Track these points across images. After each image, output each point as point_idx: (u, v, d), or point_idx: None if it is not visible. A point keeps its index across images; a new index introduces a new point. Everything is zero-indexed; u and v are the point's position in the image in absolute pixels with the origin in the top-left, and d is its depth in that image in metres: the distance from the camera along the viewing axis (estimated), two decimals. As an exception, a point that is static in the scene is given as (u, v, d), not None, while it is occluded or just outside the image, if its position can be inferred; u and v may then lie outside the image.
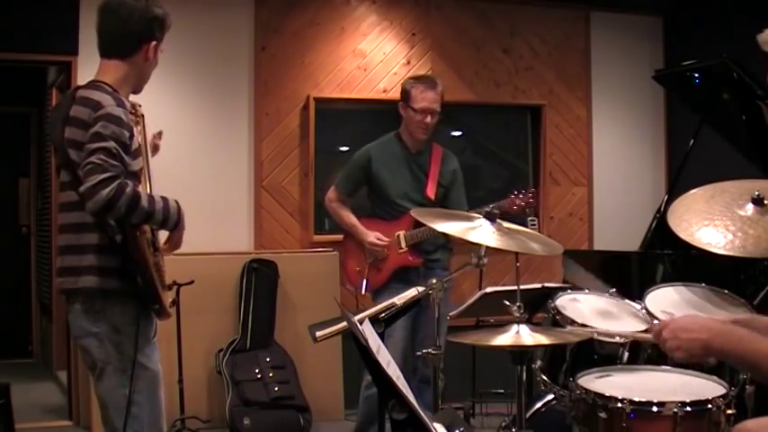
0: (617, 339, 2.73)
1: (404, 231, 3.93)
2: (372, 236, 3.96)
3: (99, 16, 2.61)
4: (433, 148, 4.08)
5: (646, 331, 2.57)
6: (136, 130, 2.59)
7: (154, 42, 2.59)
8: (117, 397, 2.46)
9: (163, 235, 2.63)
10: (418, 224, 3.90)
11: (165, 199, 2.49)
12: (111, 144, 2.34)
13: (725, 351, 1.85)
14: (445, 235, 4.03)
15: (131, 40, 2.57)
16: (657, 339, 1.91)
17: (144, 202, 2.37)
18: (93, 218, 2.39)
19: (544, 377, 2.93)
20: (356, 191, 4.21)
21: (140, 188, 2.51)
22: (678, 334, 1.87)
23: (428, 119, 3.94)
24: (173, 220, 2.49)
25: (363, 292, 4.00)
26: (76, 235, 2.47)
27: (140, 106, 2.75)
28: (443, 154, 4.09)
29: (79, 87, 2.57)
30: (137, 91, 2.69)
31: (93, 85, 2.53)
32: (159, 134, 2.91)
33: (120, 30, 2.57)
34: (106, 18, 2.59)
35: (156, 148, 2.88)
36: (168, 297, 2.61)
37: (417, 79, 4.09)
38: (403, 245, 3.93)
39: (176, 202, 2.54)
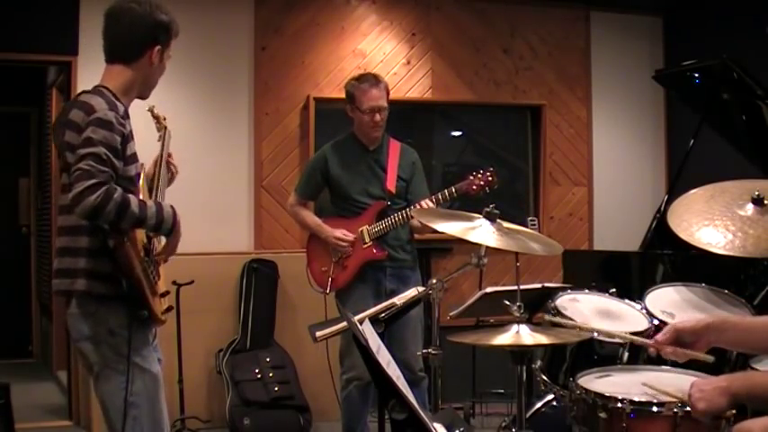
0: (617, 339, 2.73)
1: (366, 226, 3.93)
2: (338, 232, 3.94)
3: (104, 21, 2.61)
4: (390, 142, 4.06)
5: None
6: (163, 139, 2.67)
7: (158, 47, 2.59)
8: (117, 399, 2.46)
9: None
10: (380, 218, 3.92)
11: (158, 204, 2.49)
12: (101, 149, 2.33)
13: (746, 391, 1.96)
14: (410, 234, 4.05)
15: (135, 46, 2.57)
16: (688, 401, 2.02)
17: (134, 207, 2.35)
18: (86, 222, 2.39)
19: (544, 377, 2.93)
20: (316, 194, 4.19)
21: (138, 194, 2.52)
22: (701, 386, 1.98)
23: (377, 117, 3.92)
24: (167, 226, 2.48)
25: (328, 291, 3.98)
26: (73, 237, 2.47)
27: (165, 119, 2.81)
28: (401, 148, 4.07)
29: (83, 92, 2.57)
30: (143, 96, 2.68)
31: (94, 89, 2.54)
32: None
33: (124, 35, 2.57)
34: (111, 23, 2.60)
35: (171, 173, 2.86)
36: (162, 304, 2.59)
37: (359, 79, 4.01)
38: (367, 239, 3.92)
39: (172, 208, 2.53)
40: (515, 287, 3.06)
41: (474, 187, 3.86)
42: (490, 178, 3.86)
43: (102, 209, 2.28)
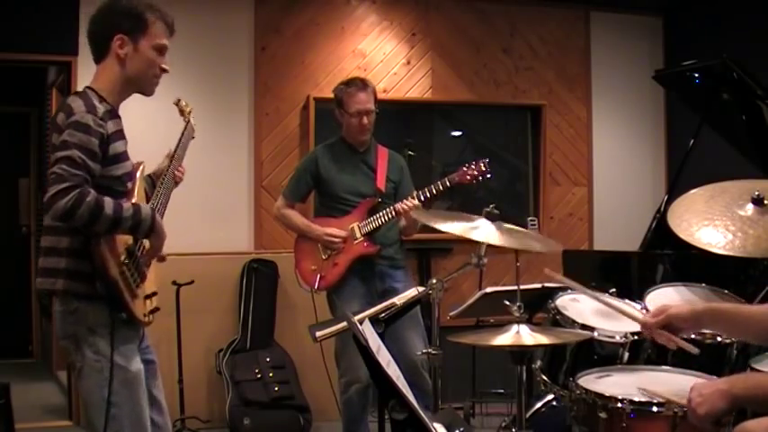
0: (617, 339, 2.73)
1: (357, 222, 3.94)
2: (329, 229, 3.95)
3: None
4: (378, 148, 4.10)
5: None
6: (182, 134, 2.79)
7: (119, 35, 2.50)
8: (95, 397, 2.47)
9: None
10: (371, 214, 3.94)
11: (136, 206, 2.46)
12: (76, 153, 2.32)
13: (748, 393, 1.94)
14: (399, 233, 4.05)
15: (100, 41, 2.54)
16: (688, 405, 1.99)
17: (108, 209, 2.33)
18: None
19: (544, 377, 2.93)
20: (305, 196, 4.20)
21: (132, 192, 2.53)
22: (701, 390, 1.95)
23: (364, 120, 3.95)
24: (145, 227, 2.46)
25: (316, 288, 3.98)
26: (56, 237, 2.47)
27: (190, 112, 2.96)
28: (389, 153, 4.11)
29: (72, 94, 2.57)
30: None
31: (80, 91, 2.52)
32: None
33: (92, 32, 2.56)
34: (88, 24, 2.59)
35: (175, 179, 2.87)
36: (146, 305, 2.58)
37: (347, 83, 4.04)
38: (358, 235, 3.93)
39: (151, 210, 2.51)
40: (515, 287, 3.06)
41: (468, 177, 3.86)
42: (483, 168, 3.87)
43: (73, 212, 2.27)
